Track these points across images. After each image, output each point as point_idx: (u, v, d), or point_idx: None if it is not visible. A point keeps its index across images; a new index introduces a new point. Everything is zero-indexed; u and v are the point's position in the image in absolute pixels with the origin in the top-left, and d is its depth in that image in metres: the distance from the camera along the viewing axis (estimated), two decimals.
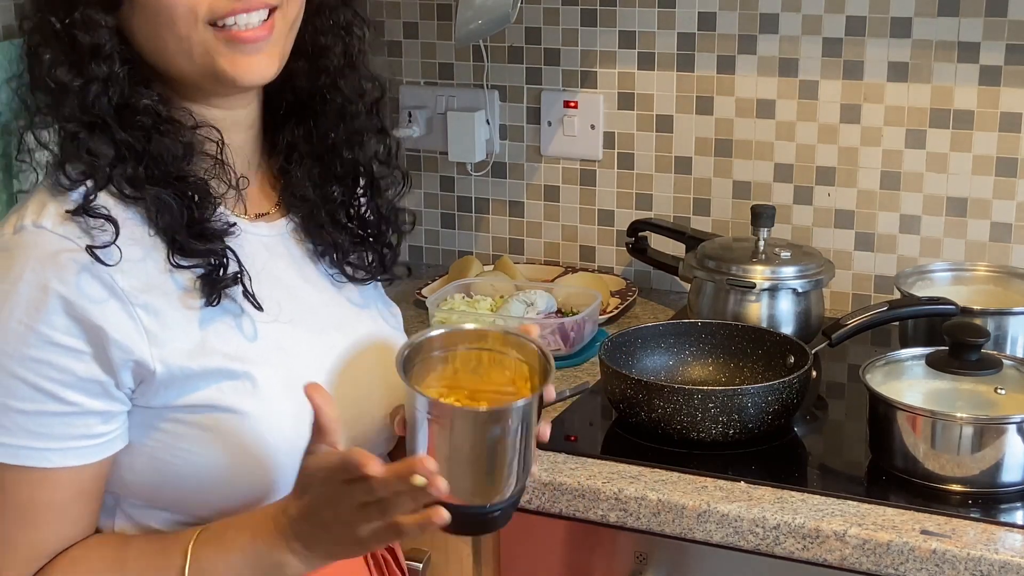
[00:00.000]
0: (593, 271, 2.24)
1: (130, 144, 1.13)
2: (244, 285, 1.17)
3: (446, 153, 2.30)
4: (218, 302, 1.15)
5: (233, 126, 1.22)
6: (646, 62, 2.15)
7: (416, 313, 2.06)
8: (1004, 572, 1.32)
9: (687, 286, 2.02)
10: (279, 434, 1.16)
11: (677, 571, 1.50)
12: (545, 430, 1.16)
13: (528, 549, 1.57)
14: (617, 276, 2.23)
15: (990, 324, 1.74)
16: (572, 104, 2.22)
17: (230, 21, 1.13)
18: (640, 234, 2.14)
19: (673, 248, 2.11)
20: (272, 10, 1.16)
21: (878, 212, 2.06)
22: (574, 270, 2.24)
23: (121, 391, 1.12)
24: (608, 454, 1.57)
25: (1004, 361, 1.55)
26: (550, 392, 1.14)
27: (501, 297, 2.01)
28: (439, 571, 1.62)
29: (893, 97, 2.02)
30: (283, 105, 1.29)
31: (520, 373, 1.19)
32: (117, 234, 1.10)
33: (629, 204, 2.23)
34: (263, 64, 1.16)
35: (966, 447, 1.44)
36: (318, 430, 1.08)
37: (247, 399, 1.15)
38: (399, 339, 1.33)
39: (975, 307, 1.79)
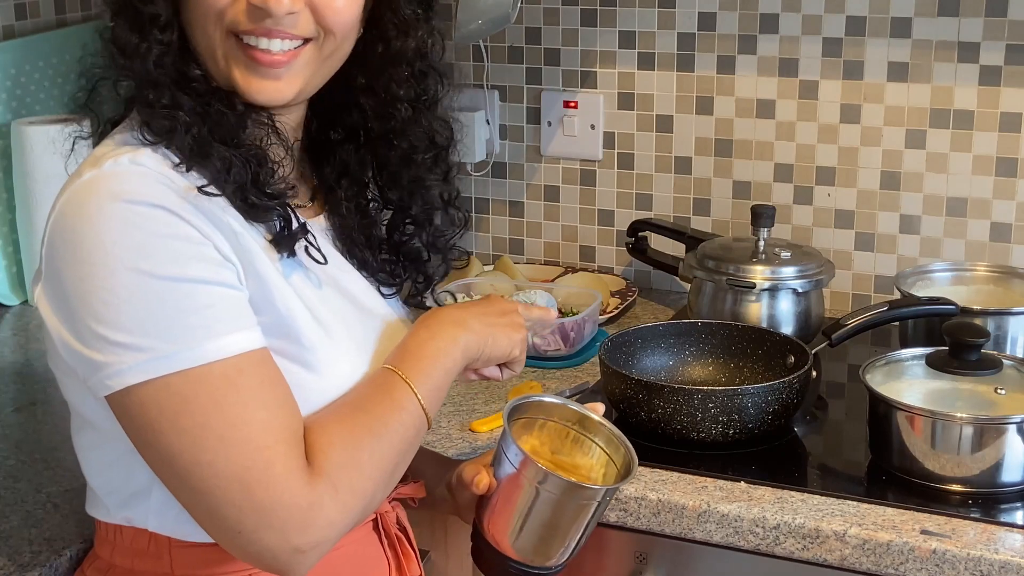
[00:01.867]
0: (593, 271, 2.24)
1: (192, 107, 1.14)
2: (309, 241, 1.20)
3: None
4: (293, 254, 1.18)
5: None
6: (646, 62, 2.15)
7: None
8: (1004, 572, 1.32)
9: (687, 286, 2.02)
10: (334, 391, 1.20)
11: (677, 571, 1.50)
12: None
13: None
14: (617, 276, 2.23)
15: (990, 324, 1.74)
16: (572, 104, 2.22)
17: (252, 41, 1.14)
18: (640, 234, 2.14)
19: (673, 248, 2.11)
20: (305, 40, 1.17)
21: (878, 212, 2.07)
22: (574, 270, 2.24)
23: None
24: None
25: (1004, 361, 1.55)
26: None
27: (501, 297, 2.01)
28: (439, 570, 1.62)
29: (893, 97, 2.02)
30: (343, 128, 1.31)
31: (600, 461, 1.30)
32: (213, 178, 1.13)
33: (629, 204, 2.23)
34: (277, 88, 1.17)
35: (966, 447, 1.44)
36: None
37: (313, 352, 1.18)
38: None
39: (975, 307, 1.79)
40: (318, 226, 1.30)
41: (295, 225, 1.19)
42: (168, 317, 1.07)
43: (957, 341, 1.53)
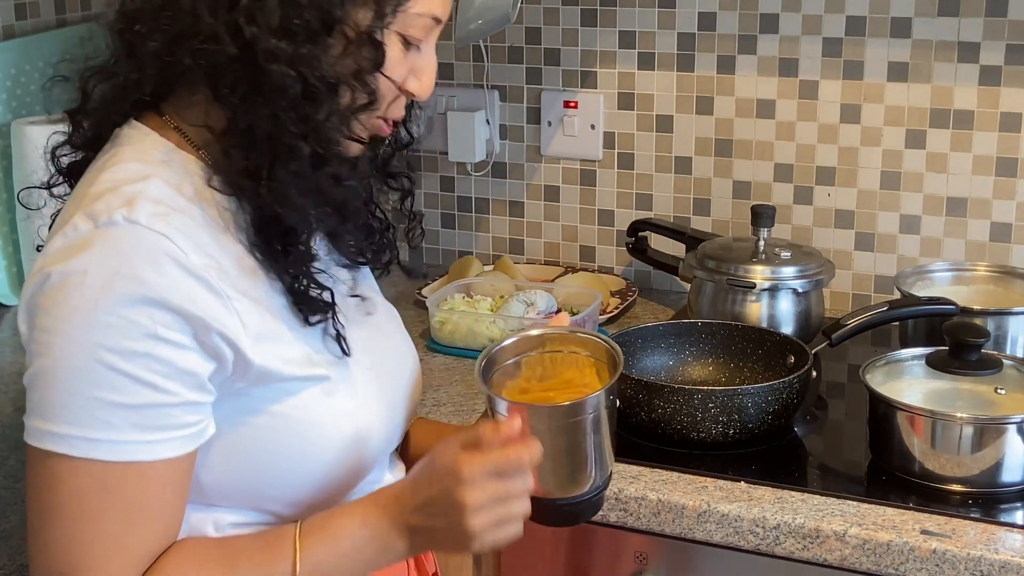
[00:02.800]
0: (593, 271, 2.24)
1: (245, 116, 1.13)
2: (336, 318, 1.19)
3: (446, 153, 2.30)
4: (315, 324, 1.17)
5: None
6: (646, 62, 2.15)
7: (416, 313, 2.06)
8: (1004, 572, 1.32)
9: (687, 286, 2.02)
10: (357, 424, 1.19)
11: (677, 571, 1.50)
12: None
13: (528, 549, 1.57)
14: (617, 276, 2.23)
15: (990, 324, 1.74)
16: (572, 104, 2.22)
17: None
18: (640, 234, 2.14)
19: (673, 248, 2.11)
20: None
21: (878, 212, 2.07)
22: (574, 270, 2.24)
23: (216, 380, 1.12)
24: None
25: (1004, 361, 1.55)
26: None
27: (501, 297, 2.01)
28: (439, 570, 1.62)
29: (893, 97, 2.02)
30: None
31: (587, 365, 1.26)
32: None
33: (629, 204, 2.23)
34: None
35: (966, 447, 1.44)
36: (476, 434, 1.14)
37: (326, 397, 1.17)
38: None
39: (975, 307, 1.79)
40: None
41: (324, 296, 1.18)
42: (88, 400, 1.07)
43: (957, 341, 1.53)
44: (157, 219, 1.07)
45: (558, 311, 1.97)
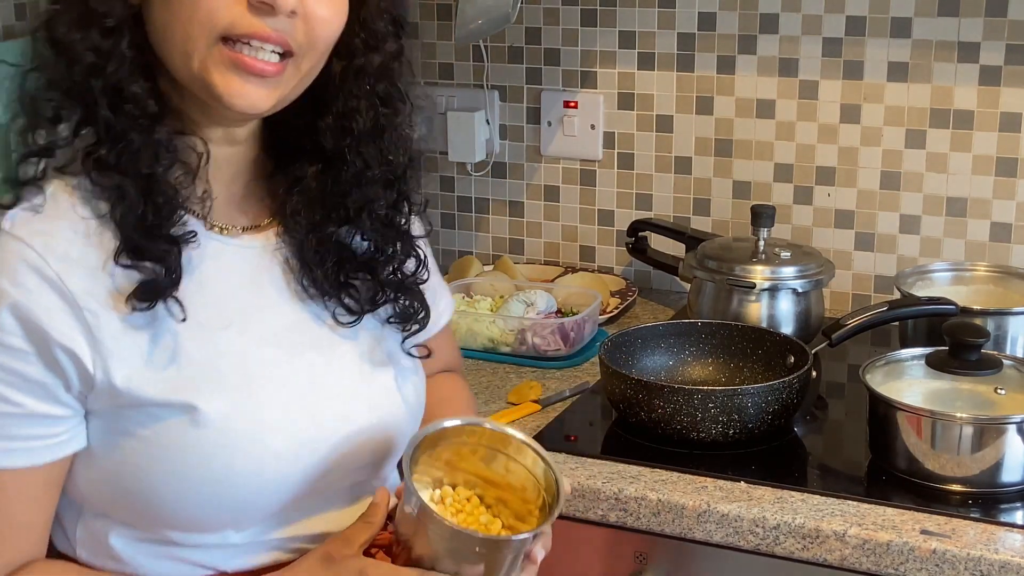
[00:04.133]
0: (593, 271, 2.24)
1: (110, 125, 1.10)
2: (178, 299, 1.12)
3: (446, 153, 2.30)
4: (150, 308, 1.11)
5: (224, 138, 1.19)
6: (646, 62, 2.15)
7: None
8: (1004, 572, 1.32)
9: (687, 286, 2.02)
10: (230, 462, 1.14)
11: (677, 571, 1.50)
12: (538, 554, 1.20)
13: None
14: (617, 276, 2.23)
15: (990, 324, 1.74)
16: (572, 104, 2.22)
17: (241, 44, 1.10)
18: (640, 234, 2.14)
19: (673, 248, 2.11)
20: (285, 55, 1.13)
21: (878, 212, 2.07)
22: (574, 270, 2.24)
23: (70, 394, 1.10)
24: (608, 454, 1.57)
25: (1004, 361, 1.55)
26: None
27: (501, 297, 2.01)
28: None
29: (893, 97, 2.02)
30: (302, 145, 1.25)
31: (533, 487, 1.18)
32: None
33: (629, 204, 2.23)
34: (260, 96, 1.13)
35: (966, 447, 1.44)
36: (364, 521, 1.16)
37: (194, 427, 1.13)
38: (387, 364, 1.29)
39: (975, 307, 1.79)
40: (266, 243, 1.24)
41: (171, 278, 1.13)
42: None
43: (957, 341, 1.53)
44: (21, 226, 1.08)
45: (558, 311, 1.97)
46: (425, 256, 1.34)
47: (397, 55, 1.24)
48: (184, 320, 1.13)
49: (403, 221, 1.31)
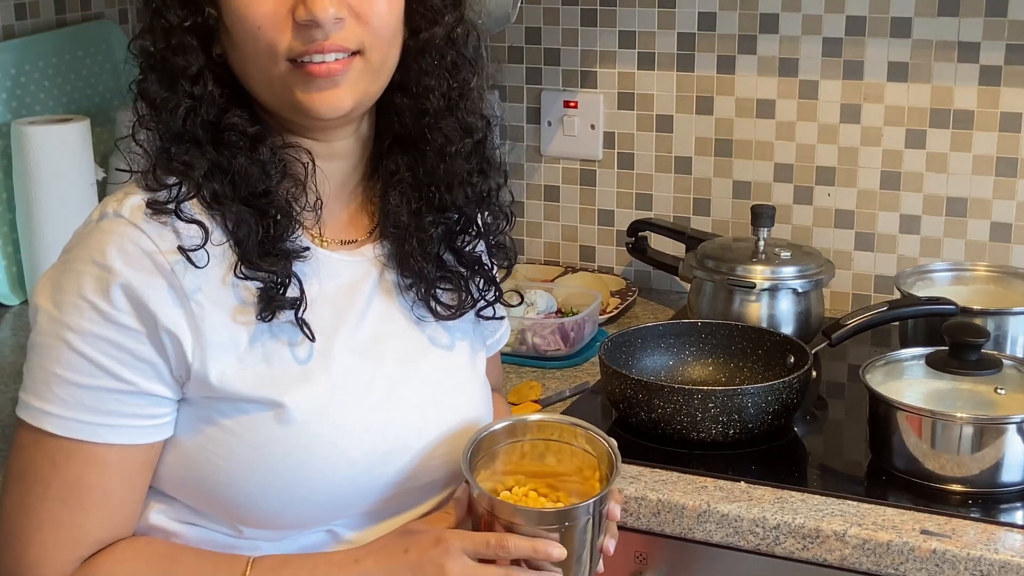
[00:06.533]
0: (593, 271, 2.24)
1: (217, 161, 1.17)
2: (298, 312, 1.18)
3: None
4: (271, 319, 1.16)
5: (327, 155, 1.24)
6: (646, 62, 2.15)
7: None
8: (1004, 572, 1.32)
9: (687, 286, 2.02)
10: (308, 462, 1.17)
11: (677, 571, 1.50)
12: (615, 511, 1.23)
13: None
14: (617, 276, 2.23)
15: (990, 324, 1.74)
16: (572, 104, 2.22)
17: (306, 59, 1.15)
18: (640, 234, 2.14)
19: (673, 248, 2.11)
20: (354, 52, 1.17)
21: (878, 212, 2.07)
22: (574, 270, 2.24)
23: (173, 378, 1.15)
24: None
25: (1004, 361, 1.55)
26: (616, 498, 1.23)
27: None
28: None
29: (893, 97, 2.02)
30: (390, 136, 1.29)
31: (588, 463, 1.25)
32: (206, 239, 1.14)
33: (629, 204, 2.23)
34: (336, 97, 1.17)
35: (966, 447, 1.44)
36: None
37: (278, 424, 1.16)
38: (474, 387, 1.34)
39: (975, 307, 1.79)
40: (367, 255, 1.28)
41: (288, 293, 1.18)
42: (48, 375, 1.13)
43: (957, 341, 1.53)
44: (137, 213, 1.13)
45: (558, 311, 1.97)
46: (513, 214, 1.39)
47: (458, 22, 1.27)
48: (313, 340, 1.19)
49: (490, 188, 1.35)
